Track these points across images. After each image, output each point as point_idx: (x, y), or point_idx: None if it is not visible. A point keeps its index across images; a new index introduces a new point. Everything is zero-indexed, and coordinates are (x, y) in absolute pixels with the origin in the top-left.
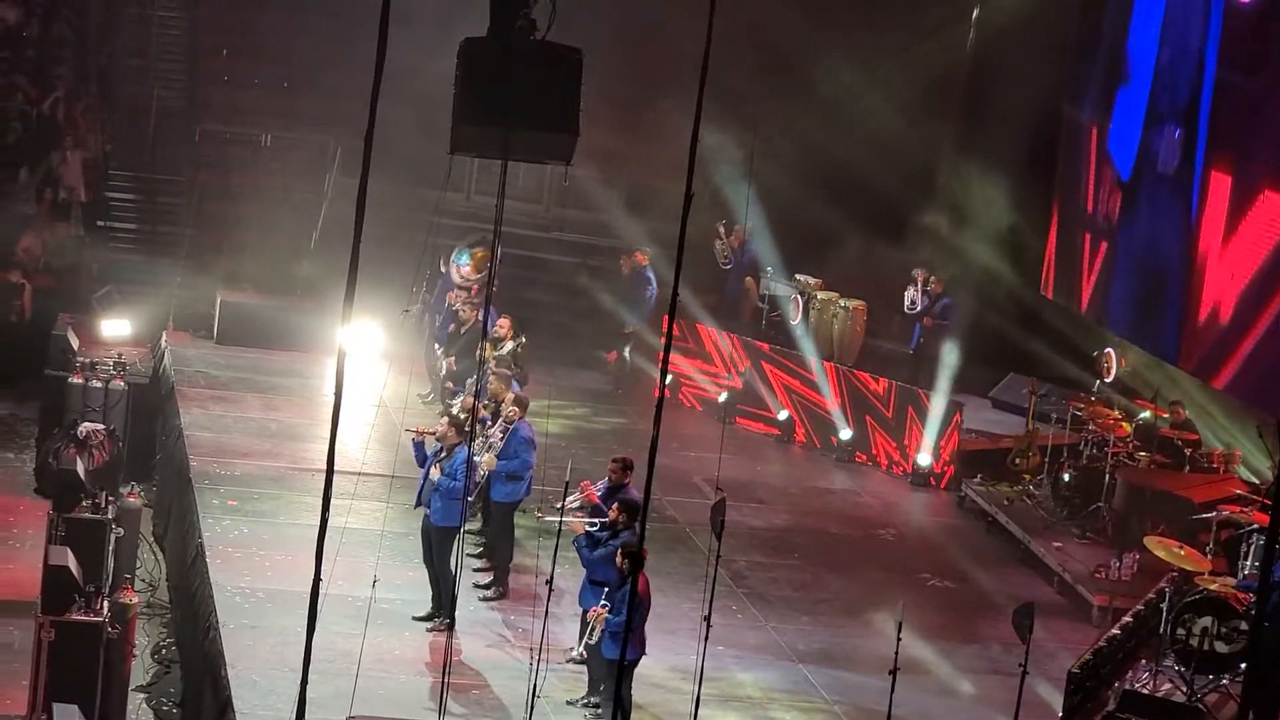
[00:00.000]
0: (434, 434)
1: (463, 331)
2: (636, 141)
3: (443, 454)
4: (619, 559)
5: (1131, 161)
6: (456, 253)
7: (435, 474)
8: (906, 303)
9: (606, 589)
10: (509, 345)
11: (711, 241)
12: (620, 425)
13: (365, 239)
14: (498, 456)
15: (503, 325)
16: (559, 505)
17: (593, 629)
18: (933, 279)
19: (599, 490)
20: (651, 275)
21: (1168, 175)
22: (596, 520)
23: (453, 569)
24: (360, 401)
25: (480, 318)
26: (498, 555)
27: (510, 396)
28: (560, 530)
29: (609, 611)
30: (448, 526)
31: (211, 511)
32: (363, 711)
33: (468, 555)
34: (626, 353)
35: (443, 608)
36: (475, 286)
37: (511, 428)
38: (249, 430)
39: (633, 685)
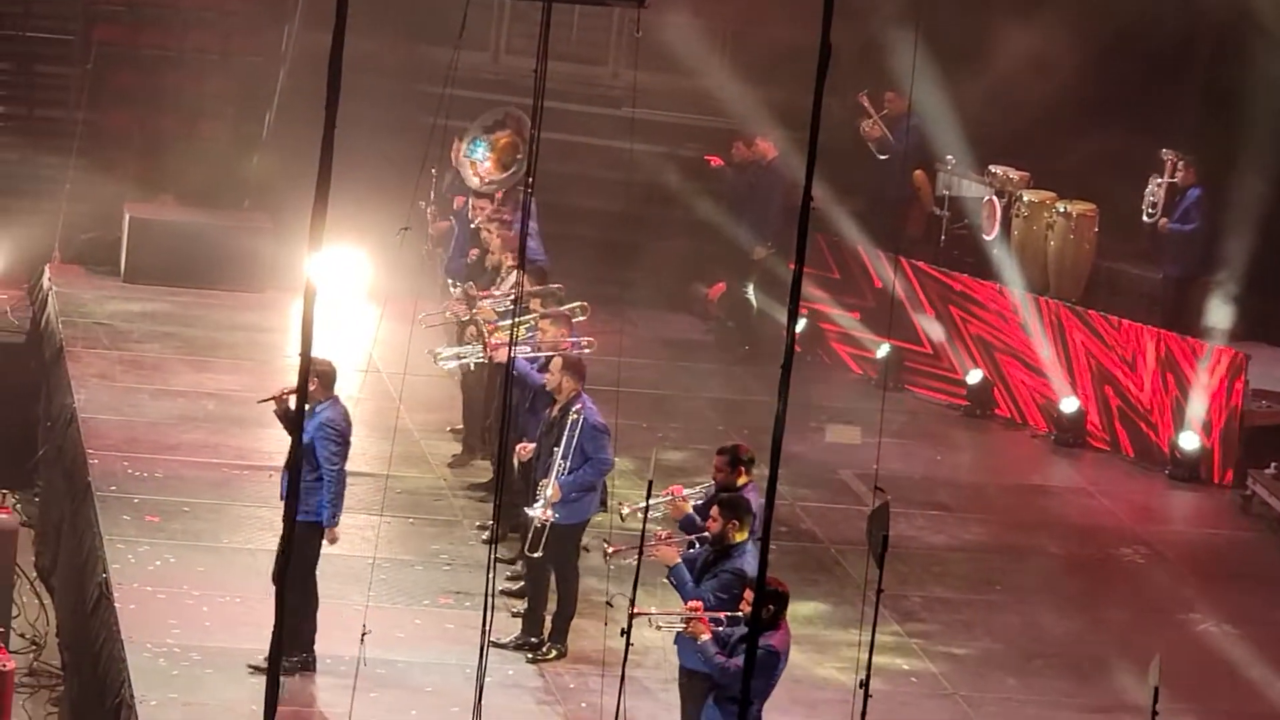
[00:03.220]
0: (287, 394)
1: (487, 266)
2: None
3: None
4: (744, 602)
5: None
6: (469, 143)
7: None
8: (1145, 204)
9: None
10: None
11: (858, 120)
12: (730, 396)
13: (344, 124)
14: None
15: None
16: (629, 510)
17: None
18: (1181, 166)
19: (696, 498)
20: (784, 173)
21: None
22: (691, 537)
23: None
24: (340, 365)
25: (508, 247)
26: (559, 597)
27: (556, 362)
28: (641, 556)
29: (723, 625)
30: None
31: (121, 533)
32: None
33: (502, 593)
34: (750, 291)
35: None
36: (502, 194)
37: (577, 419)
38: (174, 411)
39: None
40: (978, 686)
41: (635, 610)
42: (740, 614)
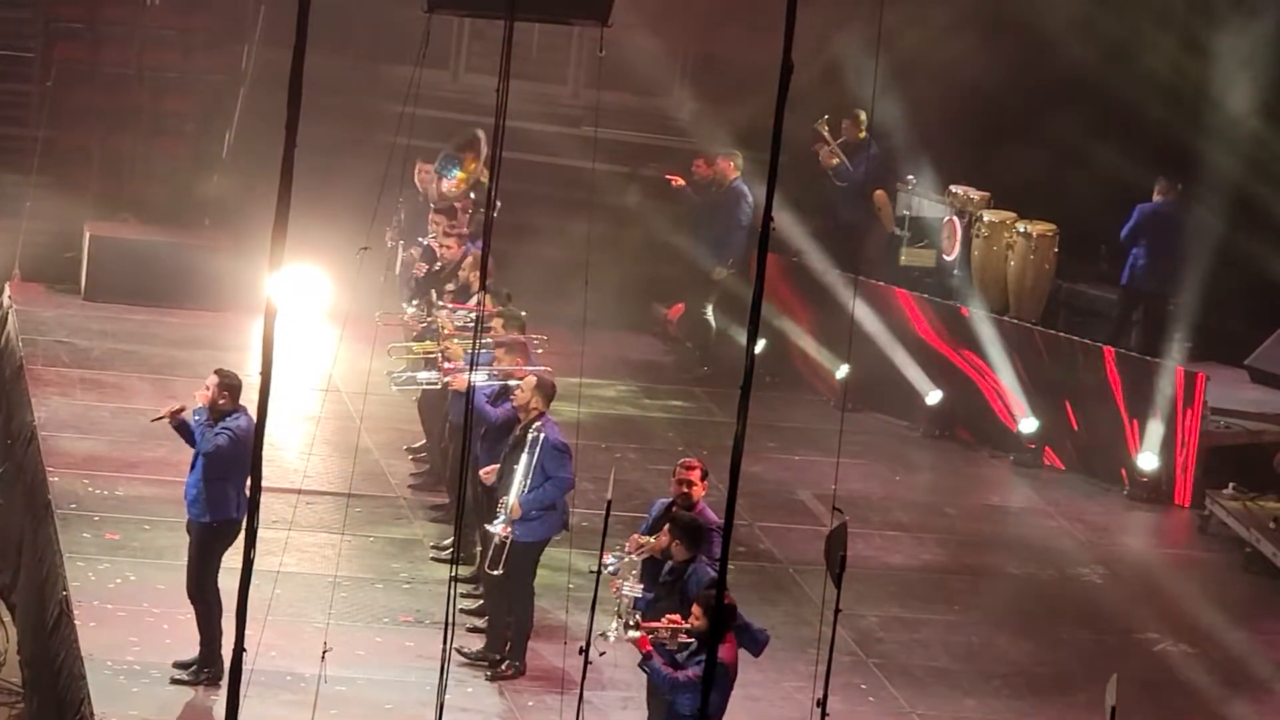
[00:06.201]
0: (180, 410)
1: (442, 275)
2: None
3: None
4: (695, 613)
5: None
6: (441, 162)
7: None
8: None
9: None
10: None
11: (816, 147)
12: (689, 417)
13: (304, 142)
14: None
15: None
16: (601, 567)
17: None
18: (1164, 188)
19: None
20: (747, 192)
21: None
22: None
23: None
24: (300, 385)
25: (468, 255)
26: (515, 616)
27: (530, 380)
28: (600, 573)
29: (672, 645)
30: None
31: (81, 551)
32: None
33: (461, 612)
34: (709, 311)
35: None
36: (468, 210)
37: (537, 437)
38: (135, 430)
39: None
40: (935, 706)
41: (591, 648)
42: (689, 626)
